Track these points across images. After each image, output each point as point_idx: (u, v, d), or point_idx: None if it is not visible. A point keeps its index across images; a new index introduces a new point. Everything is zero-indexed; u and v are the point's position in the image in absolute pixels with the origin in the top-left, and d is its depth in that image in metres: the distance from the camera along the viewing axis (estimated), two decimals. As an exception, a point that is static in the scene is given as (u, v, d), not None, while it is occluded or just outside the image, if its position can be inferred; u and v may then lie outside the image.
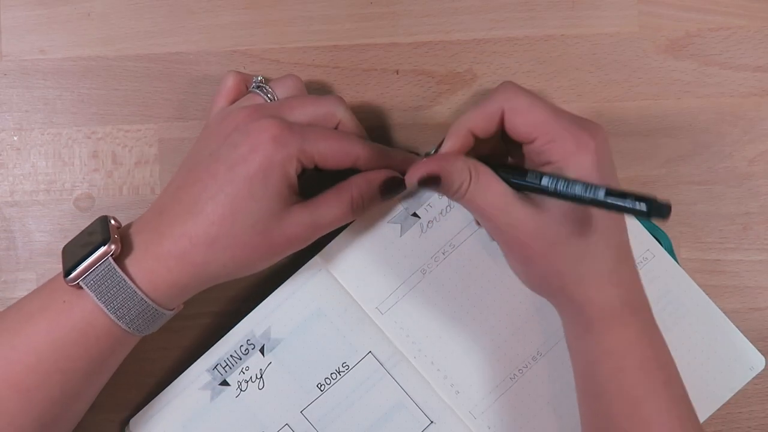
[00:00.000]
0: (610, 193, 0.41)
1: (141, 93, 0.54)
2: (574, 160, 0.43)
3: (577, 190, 0.42)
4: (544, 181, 0.43)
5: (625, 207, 0.40)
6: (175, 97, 0.54)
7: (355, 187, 0.48)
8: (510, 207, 0.44)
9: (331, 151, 0.46)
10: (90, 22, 0.54)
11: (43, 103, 0.54)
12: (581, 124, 0.44)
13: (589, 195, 0.41)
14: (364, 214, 0.49)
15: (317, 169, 0.47)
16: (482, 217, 0.46)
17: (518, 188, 0.45)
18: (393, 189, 0.49)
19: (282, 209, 0.45)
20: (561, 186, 0.42)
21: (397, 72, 0.55)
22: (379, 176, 0.48)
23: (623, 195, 0.40)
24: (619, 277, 0.44)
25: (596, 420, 0.45)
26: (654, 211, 0.39)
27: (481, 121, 0.46)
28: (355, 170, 0.49)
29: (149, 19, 0.54)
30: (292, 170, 0.45)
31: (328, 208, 0.47)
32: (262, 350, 0.51)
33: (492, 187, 0.44)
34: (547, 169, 0.44)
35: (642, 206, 0.39)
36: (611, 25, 0.55)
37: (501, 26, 0.55)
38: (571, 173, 0.43)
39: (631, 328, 0.44)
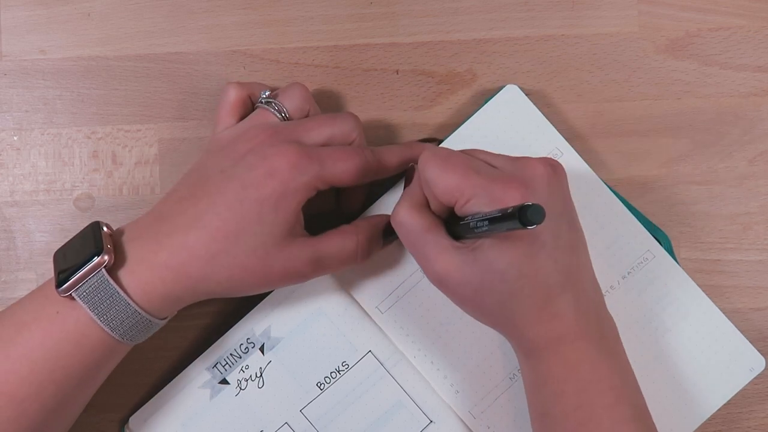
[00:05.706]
0: (486, 218, 0.41)
1: (141, 93, 0.54)
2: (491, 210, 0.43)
3: (472, 221, 0.43)
4: (464, 225, 0.44)
5: (503, 226, 0.40)
6: (175, 97, 0.54)
7: (361, 231, 0.48)
8: (440, 256, 0.45)
9: (347, 174, 0.46)
10: (90, 22, 0.54)
11: (43, 103, 0.54)
12: (500, 176, 0.44)
13: (474, 225, 0.43)
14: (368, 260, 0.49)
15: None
16: (420, 265, 0.46)
17: (457, 237, 0.46)
18: (394, 233, 0.48)
19: (285, 238, 0.45)
20: (472, 223, 0.43)
21: (397, 72, 0.55)
22: (382, 220, 0.49)
23: (496, 215, 0.41)
24: (553, 312, 0.44)
25: None
26: (524, 219, 0.38)
27: (422, 199, 0.47)
28: None
29: (149, 19, 0.54)
30: (305, 198, 0.45)
31: (331, 249, 0.47)
32: (261, 349, 0.50)
33: (431, 239, 0.45)
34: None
35: (515, 223, 0.39)
36: (611, 25, 0.55)
37: (501, 26, 0.55)
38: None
39: (570, 355, 0.44)
